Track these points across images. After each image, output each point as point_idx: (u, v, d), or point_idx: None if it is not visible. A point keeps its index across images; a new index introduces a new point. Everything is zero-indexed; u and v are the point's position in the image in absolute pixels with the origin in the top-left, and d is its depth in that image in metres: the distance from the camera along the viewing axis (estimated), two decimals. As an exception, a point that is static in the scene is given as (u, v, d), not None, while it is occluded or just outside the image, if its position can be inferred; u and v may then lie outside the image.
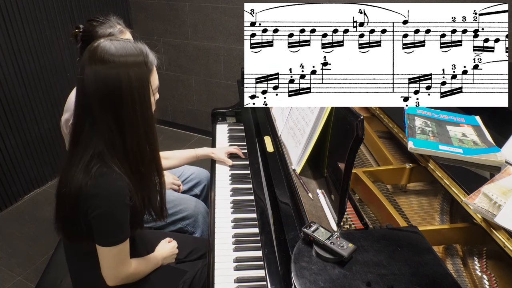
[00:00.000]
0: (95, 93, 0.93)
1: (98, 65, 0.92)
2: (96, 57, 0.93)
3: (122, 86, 0.93)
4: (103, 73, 0.92)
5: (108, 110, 0.94)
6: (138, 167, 1.02)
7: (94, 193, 0.95)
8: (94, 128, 0.96)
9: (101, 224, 0.98)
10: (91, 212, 0.96)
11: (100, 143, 0.96)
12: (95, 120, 0.95)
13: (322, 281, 0.77)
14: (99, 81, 0.92)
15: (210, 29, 2.97)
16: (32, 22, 2.40)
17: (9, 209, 2.54)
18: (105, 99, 0.94)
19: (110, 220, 0.98)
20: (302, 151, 1.22)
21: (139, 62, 0.96)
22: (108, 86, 0.93)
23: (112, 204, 0.97)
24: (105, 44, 0.95)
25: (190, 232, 1.65)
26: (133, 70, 0.94)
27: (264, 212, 1.18)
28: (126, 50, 0.95)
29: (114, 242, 1.00)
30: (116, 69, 0.92)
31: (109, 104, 0.94)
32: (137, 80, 0.95)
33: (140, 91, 0.96)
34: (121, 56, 0.94)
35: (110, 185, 0.96)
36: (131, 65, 0.94)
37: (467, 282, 0.93)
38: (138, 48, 0.98)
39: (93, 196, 0.95)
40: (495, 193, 0.89)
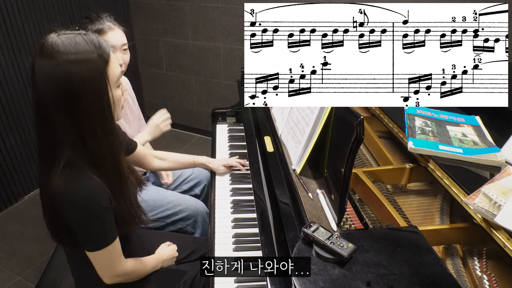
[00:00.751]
0: (47, 93, 0.87)
1: (46, 62, 0.86)
2: (43, 54, 0.86)
3: (74, 84, 0.86)
4: (53, 72, 0.86)
5: (63, 109, 0.88)
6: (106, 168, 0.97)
7: (68, 200, 0.92)
8: (55, 130, 0.90)
9: (82, 230, 0.96)
10: (69, 219, 0.94)
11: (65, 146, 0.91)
12: (53, 121, 0.89)
13: (322, 281, 0.77)
14: (49, 80, 0.86)
15: (210, 29, 2.97)
16: (32, 22, 2.40)
17: (9, 209, 2.54)
18: (58, 98, 0.87)
19: (90, 225, 0.96)
20: (302, 151, 1.22)
21: (91, 57, 0.88)
22: (59, 84, 0.86)
23: (87, 209, 0.93)
24: (52, 39, 0.87)
25: (190, 232, 1.65)
26: (85, 66, 0.87)
27: (264, 212, 1.18)
28: (75, 44, 0.87)
29: (100, 245, 0.98)
30: (65, 66, 0.85)
31: (62, 103, 0.87)
32: (90, 76, 0.87)
33: (95, 87, 0.88)
34: (70, 52, 0.86)
35: (82, 190, 0.91)
36: (82, 61, 0.87)
37: (467, 282, 0.93)
38: (89, 41, 0.89)
39: (67, 204, 0.92)
40: (495, 193, 0.89)
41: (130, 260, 1.10)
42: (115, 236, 1.01)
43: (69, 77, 0.86)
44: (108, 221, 0.98)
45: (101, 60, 0.89)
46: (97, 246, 0.98)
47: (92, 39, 0.90)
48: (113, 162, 0.98)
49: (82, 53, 0.87)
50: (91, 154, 0.93)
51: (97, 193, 0.93)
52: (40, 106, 0.90)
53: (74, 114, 0.88)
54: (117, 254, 1.04)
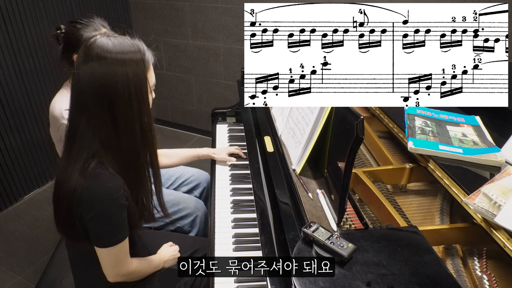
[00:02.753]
0: (91, 90, 0.92)
1: (95, 61, 0.91)
2: (93, 54, 0.91)
3: (119, 83, 0.92)
4: (100, 70, 0.91)
5: (105, 107, 0.93)
6: (133, 166, 1.01)
7: (87, 196, 0.94)
8: (90, 125, 0.95)
9: (96, 226, 0.98)
10: (85, 215, 0.96)
11: (95, 141, 0.95)
12: (91, 117, 0.94)
13: (322, 281, 0.77)
14: (95, 78, 0.91)
15: (210, 29, 2.97)
16: (32, 22, 2.40)
17: (9, 209, 2.54)
18: (102, 96, 0.92)
19: (105, 222, 0.98)
20: (302, 151, 1.22)
21: (137, 59, 0.95)
22: (105, 83, 0.91)
23: (105, 206, 0.95)
24: (102, 40, 0.93)
25: (187, 231, 1.64)
26: (131, 67, 0.93)
27: (264, 212, 1.18)
28: (123, 46, 0.94)
29: (111, 243, 1.00)
30: (113, 66, 0.91)
31: (105, 101, 0.92)
32: (135, 77, 0.94)
33: (138, 88, 0.95)
34: (118, 53, 0.92)
35: (102, 187, 0.94)
36: (129, 62, 0.93)
37: (467, 282, 0.93)
38: (135, 45, 0.97)
39: (85, 199, 0.94)
40: (495, 193, 0.89)
41: (134, 260, 1.11)
42: (126, 234, 1.03)
43: (115, 76, 0.91)
44: (122, 219, 1.00)
45: (144, 64, 0.97)
46: (109, 243, 1.00)
47: (138, 44, 0.98)
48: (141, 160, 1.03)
49: (129, 55, 0.94)
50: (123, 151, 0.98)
51: (115, 190, 0.96)
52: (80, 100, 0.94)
53: (115, 111, 0.94)
54: (125, 253, 1.05)
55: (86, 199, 0.94)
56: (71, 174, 0.95)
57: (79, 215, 0.97)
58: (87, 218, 0.96)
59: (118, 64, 0.92)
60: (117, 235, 1.01)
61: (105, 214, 0.97)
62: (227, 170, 1.61)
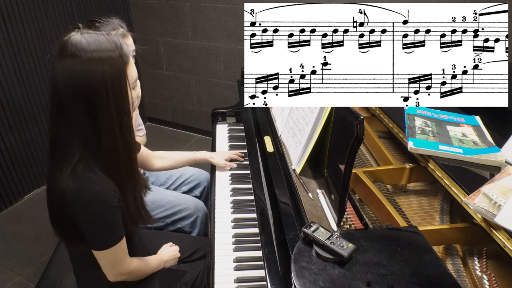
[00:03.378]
0: (67, 90, 0.89)
1: (69, 60, 0.88)
2: (67, 52, 0.88)
3: (96, 82, 0.88)
4: (75, 69, 0.88)
5: (82, 107, 0.90)
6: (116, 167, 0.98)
7: (77, 200, 0.93)
8: (70, 127, 0.92)
9: (90, 229, 0.97)
10: (78, 218, 0.95)
11: (78, 143, 0.93)
12: (70, 119, 0.91)
13: (322, 281, 0.77)
14: (71, 77, 0.88)
15: (210, 29, 2.97)
16: (32, 22, 2.40)
17: (9, 209, 2.54)
18: (79, 96, 0.89)
19: (99, 225, 0.97)
20: (302, 151, 1.22)
21: (113, 56, 0.91)
22: (80, 82, 0.88)
23: (96, 209, 0.94)
24: (75, 37, 0.89)
25: (188, 231, 1.65)
26: (107, 64, 0.89)
27: (264, 212, 1.18)
28: (98, 43, 0.90)
29: (107, 245, 0.99)
30: (88, 64, 0.88)
31: (82, 100, 0.89)
32: (112, 75, 0.90)
33: (116, 86, 0.91)
34: (93, 50, 0.88)
35: (92, 190, 0.92)
36: (105, 59, 0.89)
37: (467, 282, 0.93)
38: (111, 41, 0.92)
39: (76, 203, 0.93)
40: (495, 193, 0.89)
41: (134, 259, 1.11)
42: (122, 235, 1.02)
43: (91, 75, 0.88)
44: (116, 221, 0.99)
45: (122, 60, 0.92)
46: (104, 245, 0.99)
47: (114, 39, 0.93)
48: (126, 160, 1.00)
49: (104, 52, 0.90)
50: (104, 152, 0.95)
51: (106, 192, 0.94)
52: (58, 101, 0.92)
53: (93, 111, 0.91)
54: (123, 253, 1.05)
55: (77, 203, 0.93)
56: (59, 179, 0.93)
57: (72, 218, 0.96)
58: (80, 221, 0.95)
59: (93, 62, 0.88)
60: (113, 237, 1.00)
61: (98, 217, 0.95)
62: (227, 170, 1.61)
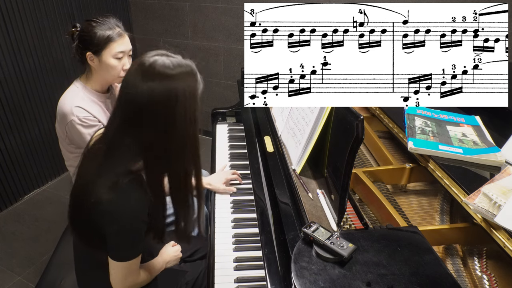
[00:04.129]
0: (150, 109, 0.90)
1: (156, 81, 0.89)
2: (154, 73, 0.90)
3: (178, 103, 0.91)
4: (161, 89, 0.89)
5: (159, 126, 0.92)
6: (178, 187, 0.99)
7: (112, 210, 0.93)
8: (138, 142, 0.93)
9: (116, 240, 0.98)
10: (106, 228, 0.96)
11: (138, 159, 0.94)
12: (141, 134, 0.92)
13: (322, 281, 0.77)
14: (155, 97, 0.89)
15: (210, 29, 2.97)
16: (32, 22, 2.40)
17: (9, 209, 2.54)
18: (159, 114, 0.91)
19: (125, 237, 0.98)
20: (302, 151, 1.22)
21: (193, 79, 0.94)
22: (164, 102, 0.90)
23: (128, 222, 0.95)
24: (163, 59, 0.92)
25: None
26: (188, 86, 0.92)
27: (264, 212, 1.18)
28: (181, 66, 0.93)
29: (127, 257, 1.00)
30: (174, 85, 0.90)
31: (162, 119, 0.91)
32: (191, 97, 0.93)
33: (192, 108, 0.94)
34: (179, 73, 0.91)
35: (129, 203, 0.93)
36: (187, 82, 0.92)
37: (467, 282, 0.93)
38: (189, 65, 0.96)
39: (109, 212, 0.94)
40: (495, 193, 0.89)
41: (142, 272, 1.12)
42: (142, 249, 1.03)
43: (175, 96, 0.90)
44: (141, 235, 1.00)
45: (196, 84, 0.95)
46: (124, 258, 1.00)
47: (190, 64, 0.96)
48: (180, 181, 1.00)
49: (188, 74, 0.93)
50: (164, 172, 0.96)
51: (139, 207, 0.95)
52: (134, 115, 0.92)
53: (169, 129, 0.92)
54: (137, 266, 1.06)
55: (111, 213, 0.94)
56: (100, 184, 0.93)
57: (100, 225, 0.97)
58: (108, 231, 0.96)
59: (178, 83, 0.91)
60: (134, 251, 1.01)
61: (126, 229, 0.96)
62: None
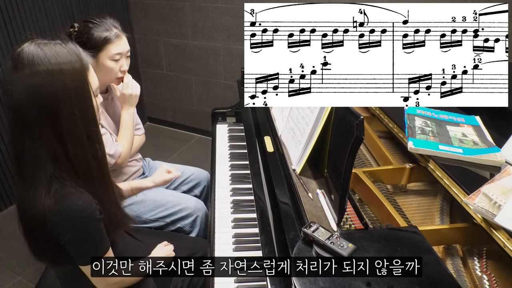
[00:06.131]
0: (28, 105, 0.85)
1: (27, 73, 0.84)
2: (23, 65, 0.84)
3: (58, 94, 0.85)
4: (35, 83, 0.84)
5: (46, 121, 0.86)
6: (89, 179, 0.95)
7: (59, 219, 0.90)
8: (35, 144, 0.88)
9: (75, 246, 0.95)
10: (62, 238, 0.93)
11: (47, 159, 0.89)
12: (34, 134, 0.87)
13: (322, 281, 0.77)
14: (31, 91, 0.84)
15: (210, 29, 2.97)
16: (32, 22, 2.40)
17: (9, 209, 2.54)
18: (41, 109, 0.85)
19: (83, 240, 0.95)
20: (302, 151, 1.22)
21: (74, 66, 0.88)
22: (42, 96, 0.84)
23: (80, 225, 0.92)
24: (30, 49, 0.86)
25: (187, 231, 1.64)
26: (69, 75, 0.86)
27: (264, 212, 1.18)
28: (57, 54, 0.87)
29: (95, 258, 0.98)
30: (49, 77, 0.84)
31: (46, 114, 0.86)
32: (74, 85, 0.87)
33: (79, 96, 0.88)
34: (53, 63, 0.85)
35: (73, 206, 0.90)
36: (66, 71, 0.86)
37: (467, 282, 0.93)
38: (70, 50, 0.89)
39: (59, 222, 0.91)
40: (495, 193, 0.89)
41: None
42: (108, 246, 1.01)
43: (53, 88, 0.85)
44: (99, 233, 0.97)
45: (83, 69, 0.90)
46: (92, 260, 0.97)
47: (72, 48, 0.91)
48: (99, 168, 0.97)
49: (65, 63, 0.87)
50: (75, 164, 0.92)
51: (88, 206, 0.92)
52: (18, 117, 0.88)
53: (59, 124, 0.87)
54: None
55: (60, 222, 0.91)
56: (34, 200, 0.89)
57: (55, 238, 0.93)
58: (65, 240, 0.93)
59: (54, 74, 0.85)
60: (99, 249, 0.98)
61: (82, 233, 0.94)
62: (227, 170, 1.61)
